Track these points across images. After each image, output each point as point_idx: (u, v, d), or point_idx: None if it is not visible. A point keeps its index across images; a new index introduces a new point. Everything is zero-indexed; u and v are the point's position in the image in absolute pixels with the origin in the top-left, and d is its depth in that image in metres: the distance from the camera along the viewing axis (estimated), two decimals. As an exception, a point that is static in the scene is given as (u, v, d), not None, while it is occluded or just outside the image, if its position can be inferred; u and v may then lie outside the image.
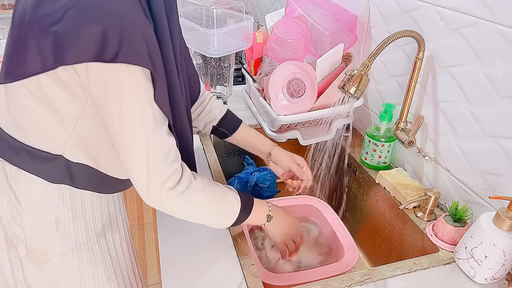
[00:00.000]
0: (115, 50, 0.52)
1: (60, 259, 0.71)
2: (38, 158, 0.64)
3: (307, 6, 1.12)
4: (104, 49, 0.51)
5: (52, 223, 0.68)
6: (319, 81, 1.05)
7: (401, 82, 1.00)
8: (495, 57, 0.72)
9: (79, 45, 0.51)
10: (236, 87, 1.46)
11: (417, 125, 0.93)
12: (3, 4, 2.40)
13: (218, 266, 0.74)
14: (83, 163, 0.67)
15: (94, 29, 0.51)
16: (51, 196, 0.67)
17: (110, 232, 0.77)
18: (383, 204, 1.00)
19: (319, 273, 0.84)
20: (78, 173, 0.67)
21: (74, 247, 0.71)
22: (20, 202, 0.66)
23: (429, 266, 0.75)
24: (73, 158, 0.66)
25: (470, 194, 0.83)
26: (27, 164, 0.65)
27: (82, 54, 0.52)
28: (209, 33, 1.06)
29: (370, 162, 1.04)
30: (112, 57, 0.52)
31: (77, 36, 0.51)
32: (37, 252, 0.69)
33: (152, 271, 1.95)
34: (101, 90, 0.57)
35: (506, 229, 0.67)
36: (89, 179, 0.69)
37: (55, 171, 0.66)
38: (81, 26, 0.51)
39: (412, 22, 0.92)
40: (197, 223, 0.71)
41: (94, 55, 0.52)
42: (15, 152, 0.65)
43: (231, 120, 0.95)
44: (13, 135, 0.64)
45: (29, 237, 0.68)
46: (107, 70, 0.54)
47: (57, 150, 0.64)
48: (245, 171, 1.18)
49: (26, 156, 0.64)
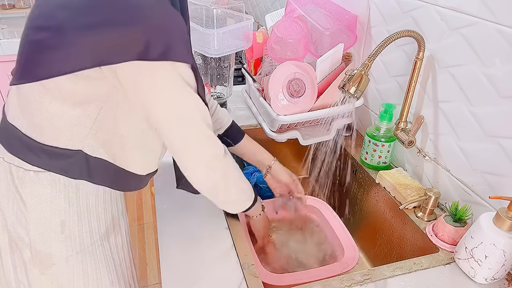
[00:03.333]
0: (161, 49, 0.54)
1: (64, 262, 0.70)
2: (57, 155, 0.64)
3: (307, 6, 1.12)
4: (149, 47, 0.53)
5: (57, 226, 0.68)
6: (319, 81, 1.05)
7: (401, 82, 1.00)
8: (495, 57, 0.72)
9: (122, 44, 0.53)
10: (236, 87, 1.46)
11: (417, 125, 0.93)
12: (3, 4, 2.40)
13: (218, 266, 0.74)
14: (101, 157, 0.67)
15: (137, 28, 0.53)
16: (58, 199, 0.67)
17: (113, 235, 0.77)
18: (383, 204, 1.00)
19: (319, 273, 0.85)
20: (96, 168, 0.67)
21: (79, 250, 0.71)
22: (26, 205, 0.66)
23: (429, 266, 0.75)
24: (92, 153, 0.66)
25: (470, 194, 0.83)
26: (46, 163, 0.65)
27: (126, 53, 0.54)
28: (209, 33, 1.06)
29: (370, 162, 1.04)
30: (158, 55, 0.55)
31: (120, 36, 0.53)
32: (42, 255, 0.68)
33: (152, 271, 1.95)
34: (147, 87, 0.59)
35: (506, 229, 0.67)
36: (106, 174, 0.69)
37: (74, 166, 0.66)
38: (123, 25, 0.52)
39: (412, 22, 0.92)
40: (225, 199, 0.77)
41: (139, 54, 0.54)
42: (32, 152, 0.65)
43: (236, 131, 0.96)
44: (29, 134, 0.64)
45: (34, 240, 0.67)
46: (152, 68, 0.57)
47: (76, 145, 0.65)
48: (245, 171, 1.18)
49: (45, 156, 0.64)
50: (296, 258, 0.97)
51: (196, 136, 0.66)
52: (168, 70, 0.59)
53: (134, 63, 0.56)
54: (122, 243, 0.80)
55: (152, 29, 0.54)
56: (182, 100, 0.63)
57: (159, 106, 0.62)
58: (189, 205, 0.89)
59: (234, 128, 0.96)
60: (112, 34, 0.54)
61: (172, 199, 0.91)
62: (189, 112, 0.64)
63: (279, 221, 1.08)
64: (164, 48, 0.55)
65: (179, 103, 0.63)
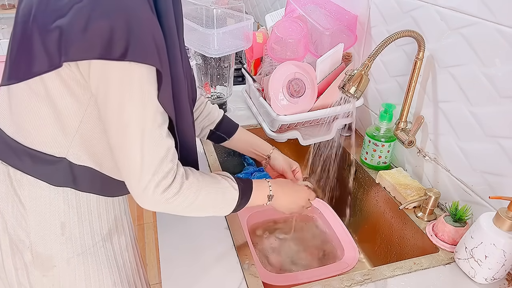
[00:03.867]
0: (123, 48, 0.51)
1: (66, 264, 0.70)
2: (40, 160, 0.63)
3: (307, 6, 1.12)
4: (111, 46, 0.51)
5: (57, 228, 0.67)
6: (319, 81, 1.05)
7: (401, 82, 1.00)
8: (495, 57, 0.72)
9: (85, 41, 0.50)
10: (236, 87, 1.46)
11: (417, 125, 0.93)
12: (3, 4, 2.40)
13: (218, 266, 0.74)
14: (86, 165, 0.66)
15: (101, 25, 0.50)
16: (57, 201, 0.66)
17: (116, 235, 0.77)
18: (383, 204, 1.00)
19: (319, 273, 0.85)
20: (81, 176, 0.66)
21: (80, 251, 0.70)
22: (25, 207, 0.66)
23: (429, 266, 0.75)
24: (76, 161, 0.65)
25: (470, 194, 0.83)
26: (29, 167, 0.64)
27: (88, 50, 0.51)
28: (209, 33, 1.06)
29: (370, 162, 1.04)
30: (120, 55, 0.51)
31: (84, 32, 0.50)
32: (43, 257, 0.68)
33: (152, 271, 1.95)
34: (102, 87, 0.55)
35: (506, 229, 0.67)
36: (92, 182, 0.68)
37: (58, 174, 0.65)
38: (88, 21, 0.50)
39: (412, 22, 0.92)
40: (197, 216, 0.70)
41: (100, 52, 0.51)
42: (16, 155, 0.64)
43: (228, 124, 0.94)
44: (15, 137, 0.64)
45: (35, 243, 0.67)
46: (112, 68, 0.53)
47: (60, 153, 0.63)
48: (245, 171, 1.18)
49: (28, 159, 0.63)
50: (296, 258, 0.97)
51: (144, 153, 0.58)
52: (124, 72, 0.54)
53: (96, 62, 0.53)
54: (126, 243, 0.80)
55: (115, 26, 0.51)
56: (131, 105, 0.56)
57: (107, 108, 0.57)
58: (189, 205, 0.89)
59: (226, 121, 0.94)
60: (76, 29, 0.51)
61: (172, 199, 0.91)
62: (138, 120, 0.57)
63: (279, 221, 1.08)
64: (125, 47, 0.51)
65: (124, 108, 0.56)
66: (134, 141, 0.57)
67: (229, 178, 0.73)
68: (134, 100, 0.55)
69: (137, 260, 0.86)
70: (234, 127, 0.94)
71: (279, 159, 0.93)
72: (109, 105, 0.56)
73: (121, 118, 0.56)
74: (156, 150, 0.59)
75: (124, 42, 0.51)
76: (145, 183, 0.59)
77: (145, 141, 0.58)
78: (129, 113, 0.56)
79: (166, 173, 0.61)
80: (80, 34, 0.50)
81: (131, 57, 0.52)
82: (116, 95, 0.55)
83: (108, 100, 0.56)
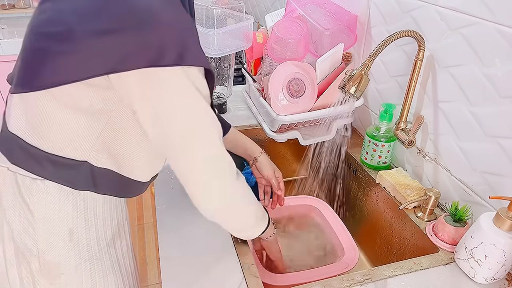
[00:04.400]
0: (175, 54, 0.51)
1: (73, 271, 0.69)
2: (62, 165, 0.63)
3: (307, 6, 1.12)
4: (162, 52, 0.51)
5: (65, 234, 0.67)
6: (319, 81, 1.05)
7: (401, 82, 1.00)
8: (495, 57, 0.72)
9: (133, 50, 0.50)
10: (236, 87, 1.46)
11: (417, 125, 0.93)
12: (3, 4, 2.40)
13: (218, 266, 0.74)
14: (106, 167, 0.65)
15: (149, 33, 0.50)
16: (66, 207, 0.66)
17: (119, 240, 0.76)
18: (383, 204, 1.00)
19: (319, 273, 0.85)
20: (101, 178, 0.66)
21: (87, 257, 0.70)
22: (33, 215, 0.64)
23: (429, 266, 0.75)
24: (97, 163, 0.64)
25: (470, 194, 0.83)
26: (50, 173, 0.63)
27: (136, 60, 0.51)
28: (209, 33, 1.06)
29: (370, 162, 1.04)
30: (172, 60, 0.52)
31: (131, 41, 0.50)
32: (51, 265, 0.67)
33: (152, 271, 1.95)
34: (158, 96, 0.56)
35: (506, 229, 0.67)
36: (111, 183, 0.68)
37: (79, 177, 0.64)
38: (136, 29, 0.50)
39: (412, 22, 0.92)
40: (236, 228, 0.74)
41: (150, 60, 0.51)
42: (36, 161, 0.63)
43: (222, 124, 0.94)
44: (34, 143, 0.62)
45: (42, 251, 0.66)
46: (165, 74, 0.54)
47: (82, 156, 0.63)
48: (245, 171, 1.18)
49: (49, 165, 0.62)
50: (296, 258, 0.97)
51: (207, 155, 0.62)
52: (181, 77, 0.55)
53: (143, 71, 0.53)
54: (126, 247, 0.79)
55: (164, 32, 0.51)
56: (193, 111, 0.58)
57: (167, 117, 0.58)
58: (189, 205, 0.89)
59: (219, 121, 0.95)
60: (122, 40, 0.51)
61: (172, 199, 0.91)
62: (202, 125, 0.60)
63: (279, 221, 1.08)
64: (178, 52, 0.52)
65: (191, 115, 0.58)
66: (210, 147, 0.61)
67: None
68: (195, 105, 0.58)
69: (135, 265, 0.87)
70: (226, 127, 0.95)
71: (265, 164, 0.96)
72: (170, 113, 0.57)
73: (185, 125, 0.58)
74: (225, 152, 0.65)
75: (175, 48, 0.52)
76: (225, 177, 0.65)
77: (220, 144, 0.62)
78: (198, 118, 0.58)
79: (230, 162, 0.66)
80: (128, 43, 0.51)
81: (185, 61, 0.53)
82: (175, 103, 0.56)
83: (167, 108, 0.57)
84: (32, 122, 0.62)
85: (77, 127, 0.61)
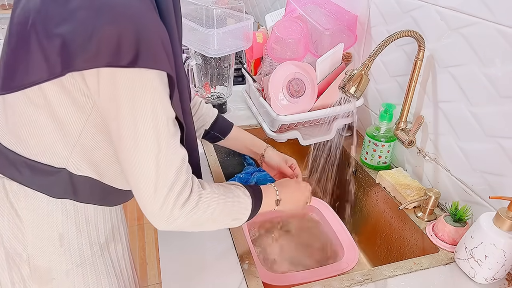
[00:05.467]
0: (132, 54, 0.49)
1: (65, 276, 0.68)
2: (40, 171, 0.61)
3: (307, 6, 1.12)
4: (119, 53, 0.48)
5: (55, 239, 0.66)
6: (319, 81, 1.05)
7: (401, 82, 1.00)
8: (495, 57, 0.72)
9: (92, 49, 0.48)
10: (236, 87, 1.46)
11: (417, 125, 0.93)
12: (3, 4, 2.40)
13: (218, 266, 0.74)
14: (87, 175, 0.63)
15: (108, 31, 0.47)
16: (55, 212, 0.64)
17: (113, 244, 0.75)
18: (383, 204, 1.00)
19: (319, 273, 0.85)
20: (81, 187, 0.64)
21: (79, 262, 0.69)
22: (22, 220, 0.64)
23: (429, 266, 0.75)
24: (76, 171, 0.62)
25: (470, 194, 0.83)
26: (27, 179, 0.62)
27: (95, 59, 0.49)
28: (209, 33, 1.06)
29: (370, 162, 1.04)
30: (130, 61, 0.49)
31: (89, 39, 0.48)
32: (41, 270, 0.66)
33: (152, 271, 1.95)
34: (112, 97, 0.52)
35: (506, 229, 0.67)
36: (93, 192, 0.66)
37: (57, 185, 0.62)
38: (94, 28, 0.47)
39: (412, 22, 0.92)
40: None
41: (108, 60, 0.48)
42: (14, 166, 0.61)
43: (223, 123, 0.93)
44: (12, 148, 0.61)
45: (32, 256, 0.65)
46: (122, 75, 0.50)
47: (60, 163, 0.61)
48: (245, 171, 1.18)
49: (27, 170, 0.61)
50: (296, 258, 0.97)
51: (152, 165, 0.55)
52: (135, 79, 0.51)
53: (104, 70, 0.50)
54: (122, 251, 0.78)
55: (125, 33, 0.48)
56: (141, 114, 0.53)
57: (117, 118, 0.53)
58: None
59: (220, 120, 0.93)
60: (81, 37, 0.48)
61: (172, 199, 0.91)
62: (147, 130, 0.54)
63: (280, 221, 1.08)
64: (135, 53, 0.49)
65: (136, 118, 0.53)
66: (148, 153, 0.54)
67: (240, 186, 0.71)
68: (147, 109, 0.52)
69: (132, 268, 0.86)
70: (229, 127, 0.93)
71: (273, 157, 0.92)
72: (120, 115, 0.53)
73: (133, 128, 0.53)
74: (172, 161, 0.56)
75: (134, 48, 0.49)
76: (161, 199, 0.56)
77: (161, 152, 0.55)
78: (142, 122, 0.53)
79: (183, 185, 0.58)
80: (86, 42, 0.48)
81: (142, 63, 0.49)
82: (128, 104, 0.52)
83: (119, 110, 0.53)
84: (10, 125, 0.60)
85: (54, 132, 0.59)
